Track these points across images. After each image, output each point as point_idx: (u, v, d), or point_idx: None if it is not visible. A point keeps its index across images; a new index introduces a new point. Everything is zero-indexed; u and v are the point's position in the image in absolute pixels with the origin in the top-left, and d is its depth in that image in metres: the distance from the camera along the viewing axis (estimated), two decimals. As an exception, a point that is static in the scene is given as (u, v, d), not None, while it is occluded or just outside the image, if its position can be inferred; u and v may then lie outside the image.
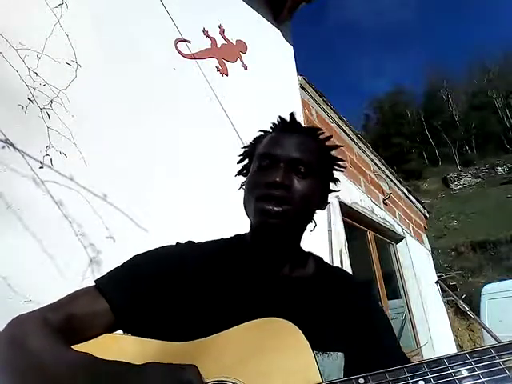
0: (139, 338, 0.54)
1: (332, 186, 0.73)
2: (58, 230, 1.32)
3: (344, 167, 0.73)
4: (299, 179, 0.62)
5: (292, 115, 0.69)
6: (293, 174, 0.62)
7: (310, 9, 3.51)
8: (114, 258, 1.35)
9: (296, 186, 0.61)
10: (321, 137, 0.70)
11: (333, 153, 0.71)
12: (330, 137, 0.75)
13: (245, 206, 0.66)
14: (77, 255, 1.34)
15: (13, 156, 1.26)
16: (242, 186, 0.72)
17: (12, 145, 1.26)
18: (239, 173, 0.74)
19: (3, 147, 1.24)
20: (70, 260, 1.31)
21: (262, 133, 0.73)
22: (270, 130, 0.71)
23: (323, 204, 0.71)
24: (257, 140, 0.72)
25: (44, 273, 1.23)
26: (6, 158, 1.23)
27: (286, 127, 0.69)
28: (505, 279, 7.75)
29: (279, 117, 0.71)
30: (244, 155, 0.74)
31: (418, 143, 41.78)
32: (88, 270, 1.34)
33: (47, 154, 1.31)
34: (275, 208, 0.58)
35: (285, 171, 0.61)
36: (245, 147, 0.75)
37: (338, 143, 0.85)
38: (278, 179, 0.59)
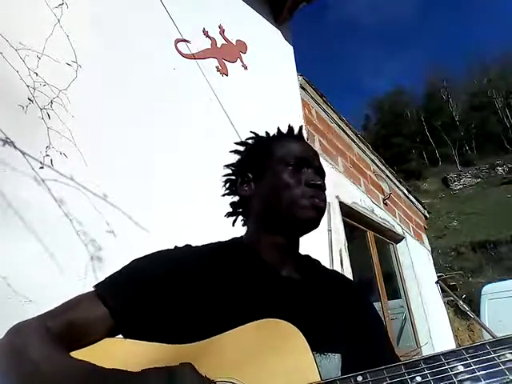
0: (140, 341, 0.54)
1: None
2: (58, 230, 1.32)
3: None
4: (323, 186, 0.70)
5: (301, 128, 0.78)
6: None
7: (310, 9, 3.52)
8: (114, 258, 1.36)
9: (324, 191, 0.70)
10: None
11: None
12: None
13: (276, 200, 0.66)
14: (77, 255, 1.34)
15: (13, 156, 1.26)
16: (247, 181, 0.71)
17: (12, 144, 1.26)
18: (245, 169, 0.73)
19: (4, 147, 1.24)
20: (71, 260, 1.31)
21: (265, 138, 0.76)
22: (273, 136, 0.76)
23: None
24: (266, 143, 0.74)
25: (44, 273, 1.23)
26: (6, 157, 1.24)
27: (295, 138, 0.75)
28: (505, 279, 7.74)
29: (289, 126, 0.76)
30: (256, 154, 0.73)
31: (418, 143, 41.75)
32: (88, 269, 1.34)
33: (47, 155, 1.32)
34: (321, 203, 0.66)
35: (319, 177, 0.69)
36: (256, 148, 0.75)
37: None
38: (319, 182, 0.67)
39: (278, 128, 0.77)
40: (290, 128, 0.76)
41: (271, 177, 0.68)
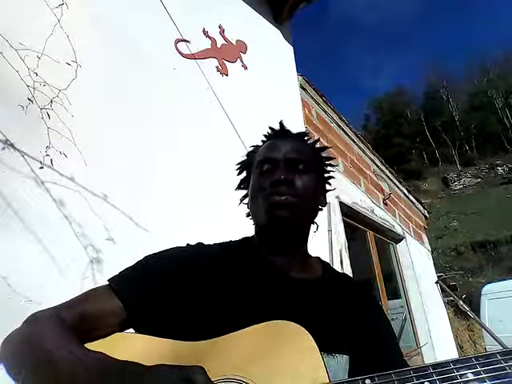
0: (150, 336, 0.55)
1: (327, 186, 0.79)
2: (58, 230, 1.31)
3: (335, 165, 0.79)
4: (300, 175, 0.67)
5: (281, 123, 0.76)
6: (293, 172, 0.67)
7: (310, 9, 3.52)
8: (114, 258, 1.36)
9: (298, 181, 0.66)
10: (310, 140, 0.78)
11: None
12: (318, 140, 0.83)
13: (252, 211, 0.70)
14: (77, 255, 1.34)
15: (13, 156, 1.26)
16: (242, 200, 0.78)
17: (12, 145, 1.26)
18: (239, 186, 0.79)
19: (3, 147, 1.24)
20: (70, 260, 1.31)
21: (253, 148, 0.79)
22: (261, 143, 0.77)
23: (323, 201, 0.75)
24: (251, 154, 0.77)
25: (44, 273, 1.23)
26: (6, 158, 1.24)
27: (277, 134, 0.76)
28: (505, 279, 7.75)
29: (269, 127, 0.77)
30: (242, 168, 0.79)
31: (418, 143, 41.74)
32: (88, 269, 1.34)
33: (47, 154, 1.31)
34: (282, 197, 0.63)
35: (286, 169, 0.66)
36: (241, 162, 0.80)
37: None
38: (281, 176, 0.64)
39: (267, 132, 0.77)
40: (272, 128, 0.77)
41: (250, 187, 0.72)
